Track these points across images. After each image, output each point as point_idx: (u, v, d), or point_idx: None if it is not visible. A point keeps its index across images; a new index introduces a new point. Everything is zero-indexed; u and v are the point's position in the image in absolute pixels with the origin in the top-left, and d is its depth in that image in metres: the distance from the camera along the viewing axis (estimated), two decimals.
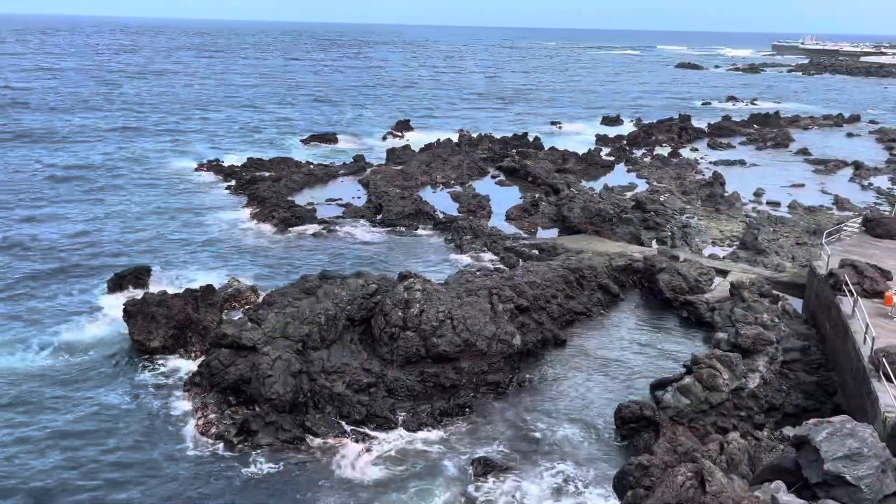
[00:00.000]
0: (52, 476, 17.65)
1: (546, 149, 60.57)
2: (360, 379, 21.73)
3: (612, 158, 59.70)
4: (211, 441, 19.26)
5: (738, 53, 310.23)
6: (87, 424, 19.87)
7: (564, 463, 18.93)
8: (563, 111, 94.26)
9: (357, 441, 19.59)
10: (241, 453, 18.85)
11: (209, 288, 26.53)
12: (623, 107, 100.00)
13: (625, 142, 68.47)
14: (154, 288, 28.01)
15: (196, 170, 50.32)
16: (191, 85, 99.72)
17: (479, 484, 17.97)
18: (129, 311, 24.43)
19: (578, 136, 73.12)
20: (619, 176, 53.97)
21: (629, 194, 46.60)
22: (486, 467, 18.40)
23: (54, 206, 39.94)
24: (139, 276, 28.67)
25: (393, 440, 19.76)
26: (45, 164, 49.64)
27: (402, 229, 38.77)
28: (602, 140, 69.49)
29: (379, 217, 40.20)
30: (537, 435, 20.21)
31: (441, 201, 44.04)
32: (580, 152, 58.85)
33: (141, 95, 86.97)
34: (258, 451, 18.93)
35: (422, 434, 20.11)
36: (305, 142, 63.58)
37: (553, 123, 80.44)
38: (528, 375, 23.37)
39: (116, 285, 28.18)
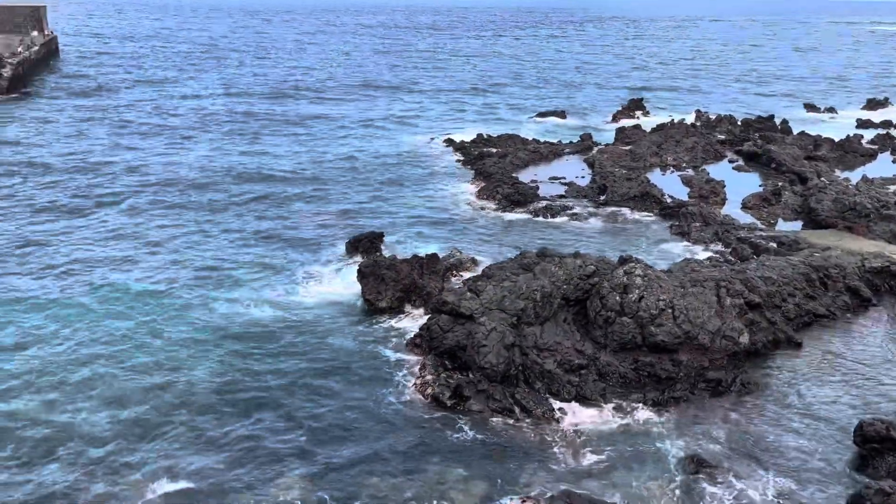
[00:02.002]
0: (278, 408, 19.85)
1: (795, 133, 55.18)
2: (571, 359, 21.62)
3: (874, 146, 52.86)
4: (425, 400, 20.35)
5: None
6: (317, 368, 21.96)
7: (789, 475, 17.37)
8: (819, 92, 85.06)
9: (565, 420, 19.55)
10: (453, 416, 19.68)
11: (433, 256, 27.89)
12: (894, 88, 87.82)
13: (893, 128, 60.20)
14: (384, 252, 30.07)
15: (428, 144, 52.84)
16: (419, 63, 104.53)
17: (691, 482, 17.11)
18: (363, 272, 26.46)
19: (835, 121, 65.67)
20: (883, 166, 47.61)
21: (893, 188, 40.96)
22: (699, 466, 17.45)
23: (298, 171, 44.23)
24: (373, 240, 30.86)
25: (601, 424, 19.44)
26: (298, 138, 55.06)
27: (626, 211, 37.65)
28: (864, 125, 61.75)
29: (602, 198, 39.38)
30: (760, 441, 18.73)
31: (670, 185, 42.02)
32: (836, 138, 52.83)
33: (381, 72, 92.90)
34: (469, 416, 19.64)
35: (632, 422, 19.56)
36: (533, 119, 63.97)
37: (807, 107, 72.92)
38: (753, 377, 21.68)
39: (353, 247, 30.60)
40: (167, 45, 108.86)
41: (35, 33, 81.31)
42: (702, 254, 31.28)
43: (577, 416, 19.78)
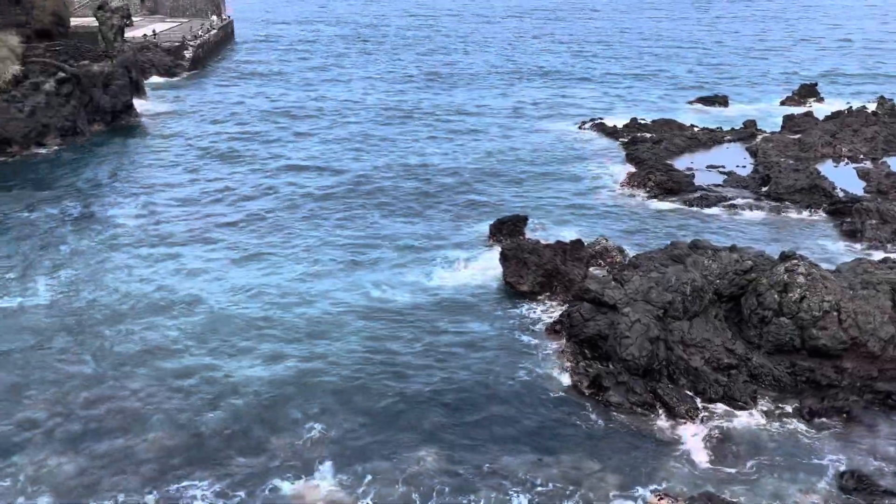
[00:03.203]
0: (416, 385, 20.38)
1: None
2: (720, 357, 20.56)
3: None
4: (563, 387, 20.13)
5: None
6: (455, 349, 22.32)
7: None
8: None
9: (709, 420, 18.66)
10: (590, 406, 19.37)
11: (578, 242, 27.41)
12: None
13: None
14: (528, 236, 29.92)
15: (579, 128, 51.81)
16: (572, 47, 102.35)
17: (849, 500, 15.78)
18: (506, 255, 26.52)
19: None
20: None
21: None
22: (858, 483, 16.05)
23: (446, 156, 44.89)
24: (517, 223, 30.79)
25: (750, 428, 18.37)
26: (448, 125, 55.86)
27: (790, 205, 35.04)
28: None
29: (764, 189, 36.87)
30: None
31: (843, 178, 38.61)
32: None
33: (533, 58, 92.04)
34: (607, 407, 19.23)
35: (785, 429, 18.33)
36: (692, 104, 60.95)
37: None
38: None
39: (497, 230, 30.70)
40: (331, 28, 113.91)
41: (214, 18, 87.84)
42: (876, 254, 28.56)
43: (724, 417, 18.81)
